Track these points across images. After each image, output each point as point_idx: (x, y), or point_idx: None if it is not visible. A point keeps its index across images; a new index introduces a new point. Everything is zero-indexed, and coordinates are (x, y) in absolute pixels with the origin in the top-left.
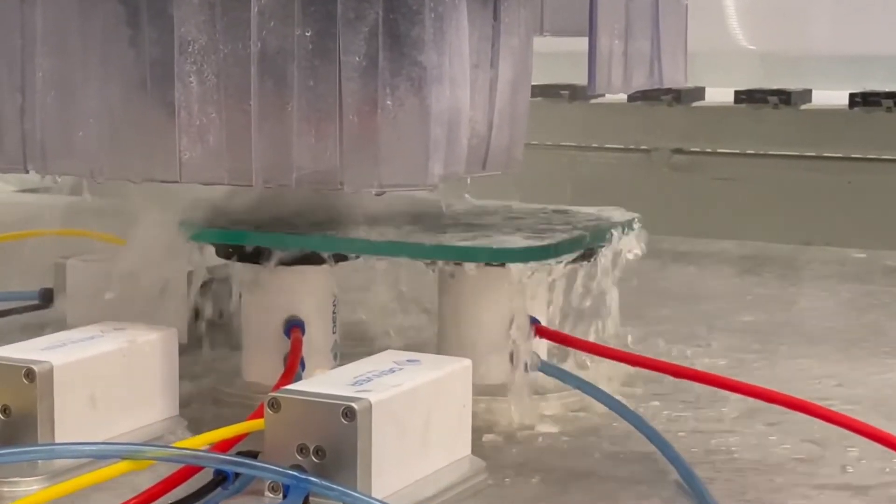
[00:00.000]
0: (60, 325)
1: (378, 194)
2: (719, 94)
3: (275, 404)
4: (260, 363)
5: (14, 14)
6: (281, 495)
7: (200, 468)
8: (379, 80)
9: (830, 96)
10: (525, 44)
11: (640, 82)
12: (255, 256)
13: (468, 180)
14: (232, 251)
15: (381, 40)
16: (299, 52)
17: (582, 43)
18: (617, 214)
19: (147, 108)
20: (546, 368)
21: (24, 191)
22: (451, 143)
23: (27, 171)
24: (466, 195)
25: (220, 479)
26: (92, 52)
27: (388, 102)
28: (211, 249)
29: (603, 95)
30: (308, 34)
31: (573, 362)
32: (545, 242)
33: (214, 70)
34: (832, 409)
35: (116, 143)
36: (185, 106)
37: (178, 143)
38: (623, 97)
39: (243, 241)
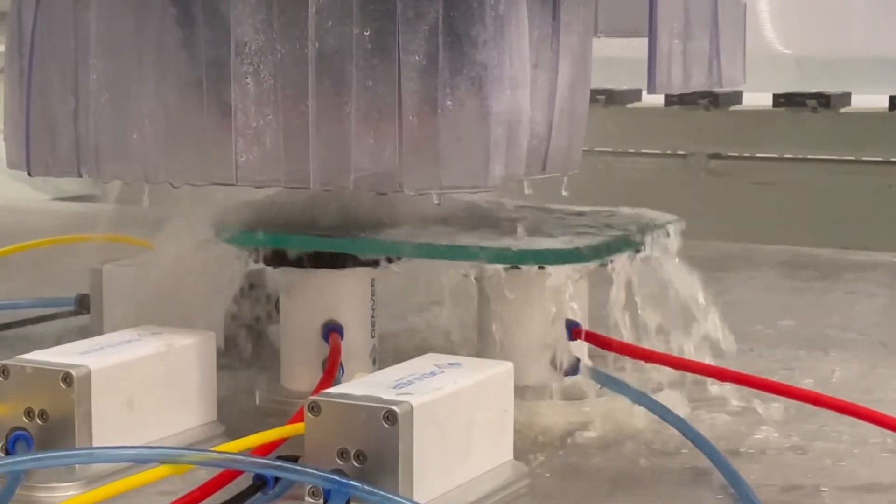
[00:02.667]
0: (97, 331)
1: (438, 196)
2: (757, 98)
3: (315, 408)
4: (298, 368)
5: (67, 15)
6: (321, 500)
7: (240, 473)
8: (439, 79)
9: (870, 99)
10: (584, 43)
11: (700, 82)
12: (293, 260)
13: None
14: (268, 255)
15: (441, 39)
16: (358, 52)
17: (618, 47)
18: (658, 216)
19: (203, 109)
20: (588, 372)
21: (58, 199)
22: (512, 144)
23: (80, 175)
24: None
25: (260, 483)
26: (146, 54)
27: (448, 103)
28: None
29: (639, 100)
30: (367, 33)
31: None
32: (580, 244)
33: (271, 71)
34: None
35: (172, 145)
36: (241, 107)
37: (234, 144)
38: (660, 102)
39: (279, 244)
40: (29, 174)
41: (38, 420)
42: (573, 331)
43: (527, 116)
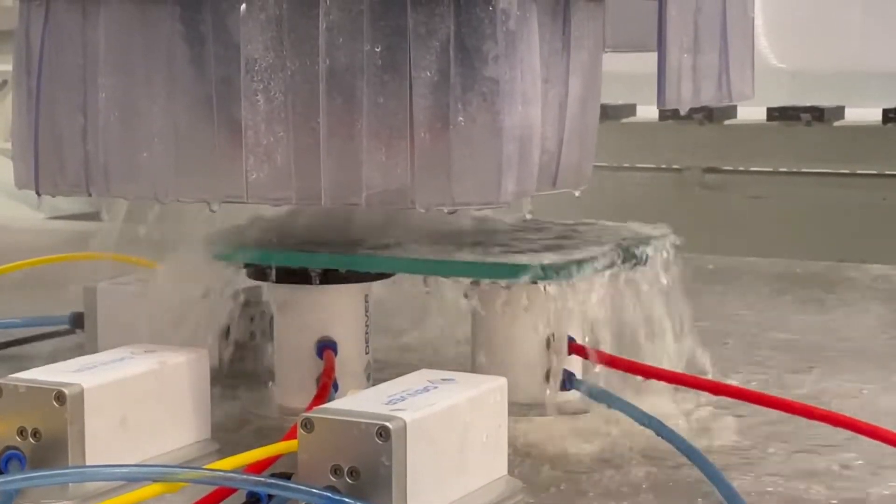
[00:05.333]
0: (91, 349)
1: (450, 213)
2: (751, 112)
3: (308, 425)
4: (292, 385)
5: (76, 34)
6: None
7: (233, 490)
8: (451, 95)
9: (863, 113)
10: (594, 58)
11: (709, 96)
12: (287, 276)
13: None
14: (262, 272)
15: (452, 55)
16: (369, 68)
17: (613, 62)
18: (651, 231)
19: (213, 127)
20: (582, 387)
21: (54, 218)
22: (523, 159)
23: (90, 194)
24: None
25: (254, 501)
26: (156, 72)
27: (460, 118)
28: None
29: (634, 115)
30: (378, 50)
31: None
32: (569, 258)
33: (282, 88)
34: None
35: (182, 163)
36: (251, 125)
37: (244, 162)
38: (654, 116)
39: (274, 261)
40: (37, 193)
41: (31, 439)
42: (568, 345)
43: (538, 132)
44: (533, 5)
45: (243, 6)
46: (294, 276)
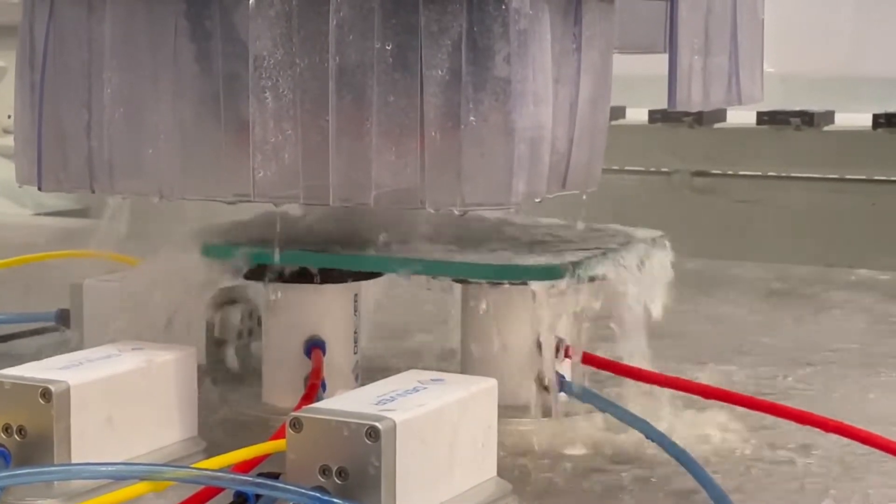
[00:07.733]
0: (77, 346)
1: (461, 214)
2: (741, 116)
3: (296, 424)
4: (280, 384)
5: (81, 28)
6: None
7: (220, 490)
8: (462, 94)
9: (854, 118)
10: (604, 58)
11: (719, 98)
12: (276, 275)
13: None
14: (251, 270)
15: (463, 54)
16: (379, 66)
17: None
18: (642, 233)
19: (220, 124)
20: (572, 390)
21: (40, 214)
22: (534, 160)
23: (93, 191)
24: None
25: (241, 501)
26: (162, 68)
27: (472, 118)
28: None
29: (623, 118)
30: (388, 47)
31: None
32: (559, 261)
33: (290, 85)
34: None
35: (188, 161)
36: (259, 122)
37: (251, 160)
38: (644, 119)
39: (266, 259)
40: (40, 189)
41: (16, 436)
42: (558, 347)
43: (549, 132)
44: (545, 5)
45: (252, 1)
46: (283, 275)
